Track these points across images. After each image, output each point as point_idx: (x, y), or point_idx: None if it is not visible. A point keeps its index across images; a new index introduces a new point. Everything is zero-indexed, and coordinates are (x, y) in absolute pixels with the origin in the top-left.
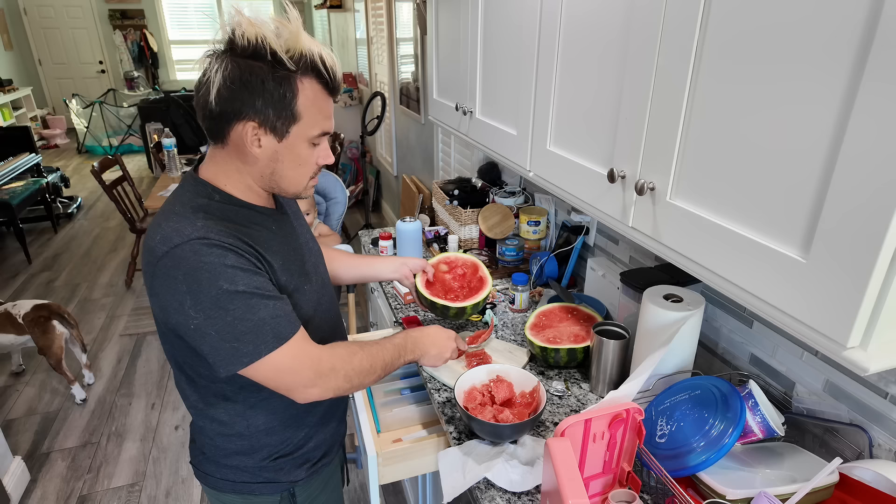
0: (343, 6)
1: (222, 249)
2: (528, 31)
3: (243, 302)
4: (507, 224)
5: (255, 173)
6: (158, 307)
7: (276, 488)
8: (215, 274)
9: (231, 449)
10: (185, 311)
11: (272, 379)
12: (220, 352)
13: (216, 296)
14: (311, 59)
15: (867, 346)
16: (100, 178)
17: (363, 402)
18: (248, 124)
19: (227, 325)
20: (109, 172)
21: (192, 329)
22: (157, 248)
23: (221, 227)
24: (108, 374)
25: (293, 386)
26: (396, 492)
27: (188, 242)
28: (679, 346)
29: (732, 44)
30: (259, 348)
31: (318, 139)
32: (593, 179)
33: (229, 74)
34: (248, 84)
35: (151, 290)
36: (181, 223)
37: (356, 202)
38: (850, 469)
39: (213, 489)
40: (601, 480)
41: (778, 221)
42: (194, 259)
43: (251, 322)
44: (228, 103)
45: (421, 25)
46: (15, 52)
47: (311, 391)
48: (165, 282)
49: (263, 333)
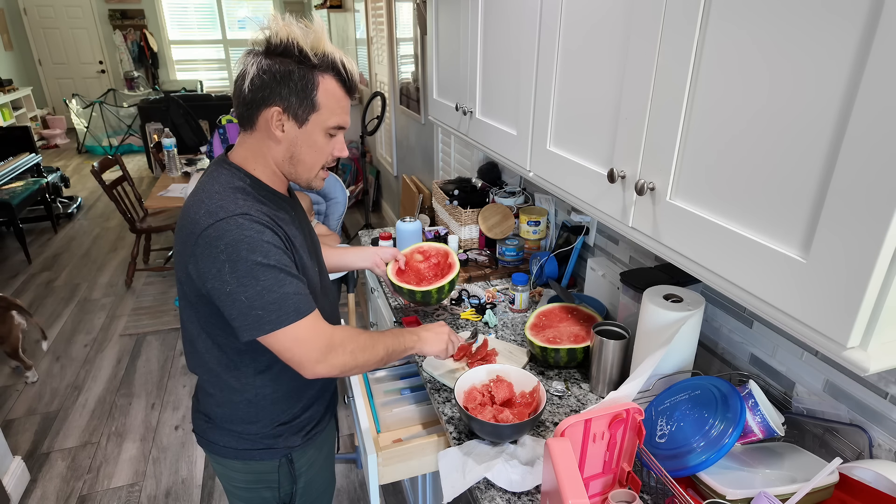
0: (343, 6)
1: (261, 226)
2: (528, 32)
3: (273, 275)
4: (507, 224)
5: (277, 156)
6: (196, 273)
7: (275, 454)
8: (253, 247)
9: (237, 415)
10: (223, 276)
11: (287, 350)
12: (247, 318)
13: (251, 266)
14: (332, 60)
15: (867, 346)
16: (100, 178)
17: (363, 401)
18: (274, 109)
19: (257, 294)
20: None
21: (226, 293)
22: (202, 220)
23: (259, 206)
24: (108, 374)
25: (304, 359)
26: (396, 492)
27: (232, 217)
28: (679, 346)
29: (733, 43)
30: (281, 318)
31: (334, 130)
32: (593, 179)
33: (262, 67)
34: (277, 75)
35: (192, 256)
36: (224, 201)
37: (356, 202)
38: (850, 469)
39: (217, 455)
40: (601, 480)
41: (778, 221)
42: (237, 232)
43: (277, 294)
44: (259, 91)
45: (421, 25)
46: (15, 52)
47: (319, 367)
48: (208, 249)
49: (287, 306)
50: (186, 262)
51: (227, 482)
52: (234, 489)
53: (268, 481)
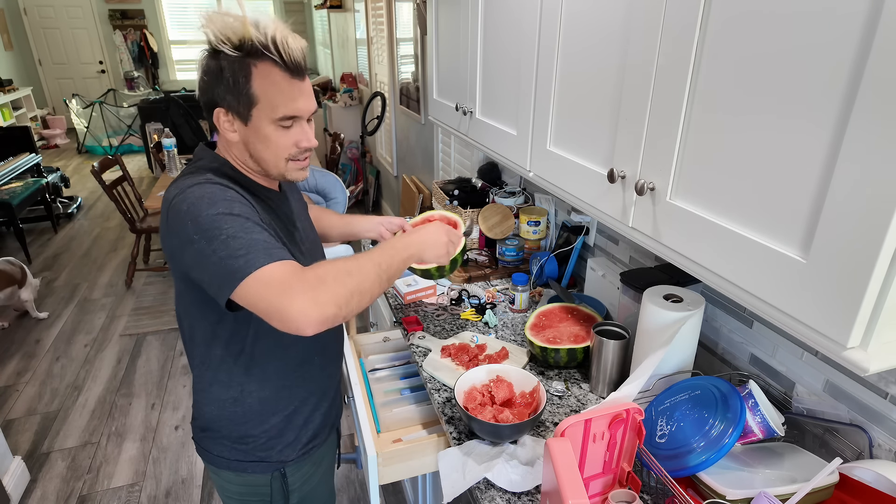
0: (343, 6)
1: (223, 187)
2: (528, 32)
3: (239, 223)
4: (507, 224)
5: (239, 156)
6: (170, 248)
7: (267, 468)
8: (214, 201)
9: (224, 415)
10: (190, 236)
11: (265, 299)
12: (220, 272)
13: (213, 217)
14: (262, 43)
15: (867, 346)
16: (100, 178)
17: (363, 402)
18: (219, 111)
19: (222, 243)
20: (109, 172)
21: (197, 254)
22: (169, 193)
23: (227, 181)
24: (108, 374)
25: (288, 305)
26: (396, 492)
27: (195, 185)
28: (679, 346)
29: (733, 43)
30: (250, 262)
31: (284, 121)
32: (593, 179)
33: (203, 69)
34: (211, 75)
35: (167, 231)
36: (192, 177)
37: (356, 202)
38: (850, 469)
39: (212, 465)
40: (601, 480)
41: (778, 222)
42: (199, 191)
43: (244, 240)
44: (204, 95)
45: (421, 25)
46: (15, 52)
47: (310, 310)
48: (175, 217)
49: (256, 251)
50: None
51: (223, 492)
52: (229, 500)
53: (261, 494)
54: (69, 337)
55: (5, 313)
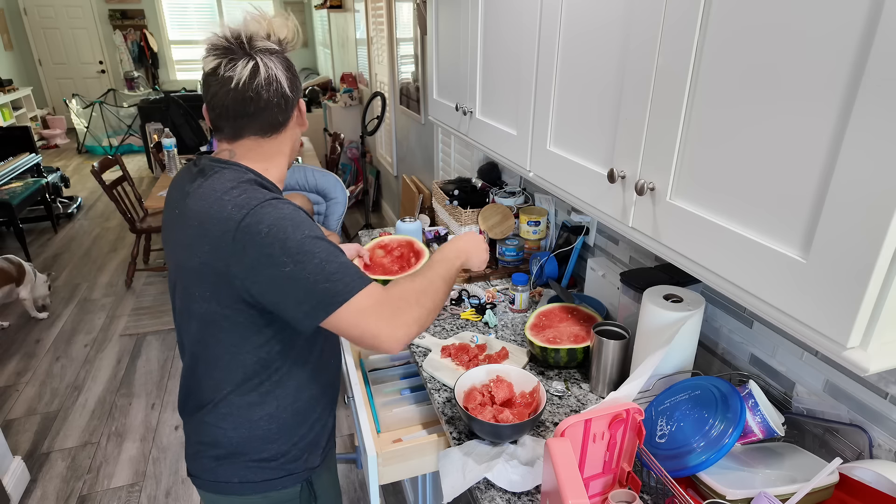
0: (343, 6)
1: (294, 207)
2: (528, 32)
3: (325, 245)
4: (507, 224)
5: (296, 145)
6: (243, 270)
7: (296, 479)
8: (297, 222)
9: (256, 436)
10: (276, 259)
11: (359, 322)
12: (314, 295)
13: (301, 240)
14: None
15: (867, 346)
16: (100, 178)
17: (363, 402)
18: (301, 101)
19: (317, 267)
20: (109, 172)
21: (285, 276)
22: (234, 214)
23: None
24: (108, 374)
25: (379, 329)
26: (396, 492)
27: (265, 202)
28: (679, 346)
29: (733, 43)
30: (350, 286)
31: None
32: (593, 179)
33: (283, 65)
34: (291, 70)
35: (233, 255)
36: (248, 192)
37: (356, 202)
38: (850, 469)
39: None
40: (601, 480)
41: (778, 221)
42: (275, 213)
43: (337, 263)
44: (292, 89)
45: (421, 25)
46: (15, 52)
47: (398, 331)
48: (251, 238)
49: (351, 272)
50: (220, 267)
51: None
52: None
53: None
54: (69, 337)
55: (5, 312)
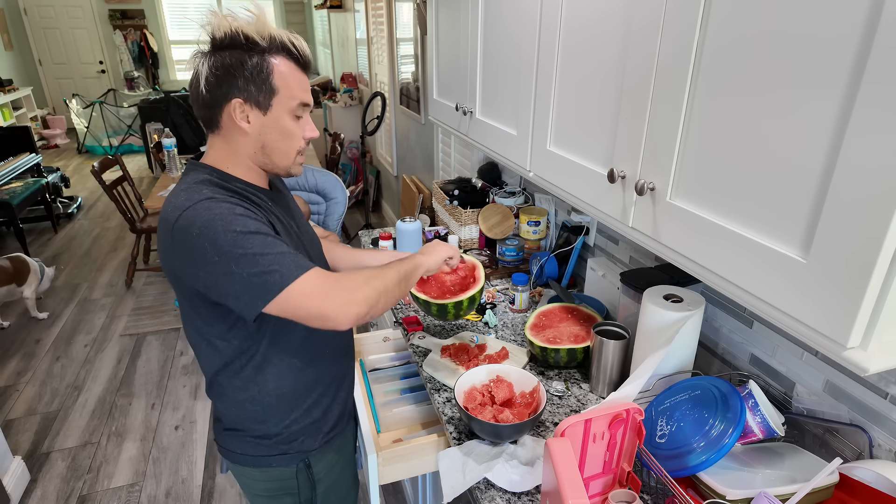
0: (343, 6)
1: (230, 203)
2: (528, 31)
3: (260, 239)
4: (507, 224)
5: (248, 150)
6: (182, 269)
7: (291, 459)
8: (228, 221)
9: (246, 415)
10: (210, 258)
11: (303, 307)
12: (250, 288)
13: (233, 238)
14: (280, 40)
15: (867, 346)
16: (100, 178)
17: (363, 401)
18: (235, 102)
19: (251, 261)
20: (109, 172)
21: (221, 274)
22: (171, 215)
23: (225, 193)
24: (108, 374)
25: (326, 307)
26: (396, 492)
27: (198, 203)
28: (679, 346)
29: (733, 44)
30: (285, 276)
31: (299, 110)
32: (593, 179)
33: (213, 64)
34: (230, 67)
35: (172, 254)
36: (189, 193)
37: (356, 202)
38: (850, 469)
39: (235, 464)
40: (601, 480)
41: (778, 222)
42: (206, 213)
43: (273, 255)
44: (216, 89)
45: (421, 25)
46: (15, 52)
47: (347, 308)
48: (183, 240)
49: (287, 263)
50: (171, 265)
51: (251, 492)
52: (256, 498)
53: (288, 488)
54: (69, 337)
55: (5, 312)
